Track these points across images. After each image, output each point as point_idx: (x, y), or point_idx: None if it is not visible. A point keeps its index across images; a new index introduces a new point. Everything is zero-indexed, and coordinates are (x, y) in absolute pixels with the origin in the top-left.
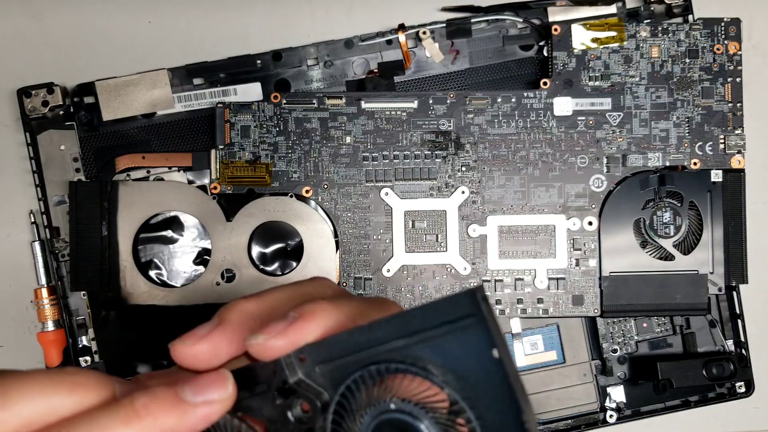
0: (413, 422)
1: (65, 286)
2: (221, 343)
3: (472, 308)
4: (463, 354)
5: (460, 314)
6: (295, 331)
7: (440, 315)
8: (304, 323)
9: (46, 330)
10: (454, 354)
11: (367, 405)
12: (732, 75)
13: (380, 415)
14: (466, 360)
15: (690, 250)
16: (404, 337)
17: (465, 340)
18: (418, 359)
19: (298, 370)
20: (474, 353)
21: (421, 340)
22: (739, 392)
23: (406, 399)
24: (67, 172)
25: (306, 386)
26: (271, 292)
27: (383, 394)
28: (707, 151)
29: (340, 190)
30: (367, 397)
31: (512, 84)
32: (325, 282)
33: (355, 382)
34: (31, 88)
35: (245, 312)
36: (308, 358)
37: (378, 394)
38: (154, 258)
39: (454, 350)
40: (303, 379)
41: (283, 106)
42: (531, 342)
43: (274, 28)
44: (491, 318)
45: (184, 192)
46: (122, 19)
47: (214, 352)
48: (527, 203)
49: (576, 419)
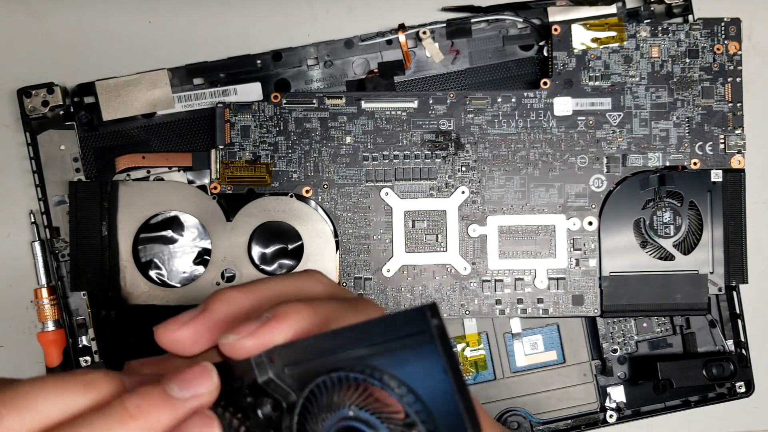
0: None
1: (65, 286)
2: (202, 330)
3: (424, 326)
4: (417, 368)
5: (414, 330)
6: (265, 332)
7: (397, 328)
8: (274, 325)
9: (46, 330)
10: (409, 367)
11: (329, 409)
12: (732, 75)
13: (339, 422)
14: (419, 374)
15: (690, 250)
16: (365, 346)
17: (419, 355)
18: (376, 370)
19: (268, 369)
20: (426, 369)
21: (380, 351)
22: (739, 392)
23: (364, 407)
24: (67, 172)
25: (275, 386)
26: (260, 284)
27: (343, 401)
28: (707, 151)
29: (340, 190)
30: (329, 402)
31: (512, 84)
32: (318, 276)
33: (318, 387)
34: (31, 88)
35: (229, 301)
36: (278, 359)
37: (338, 401)
38: (154, 258)
39: (410, 364)
40: (272, 378)
41: (283, 106)
42: (531, 342)
43: (274, 28)
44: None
45: (184, 192)
46: (122, 19)
47: (194, 338)
48: (527, 203)
49: (576, 419)
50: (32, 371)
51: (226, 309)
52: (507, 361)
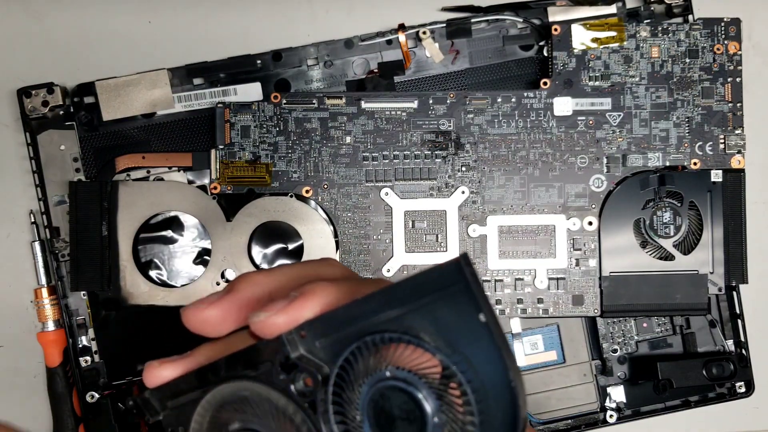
0: (407, 388)
1: (65, 286)
2: (230, 310)
3: (458, 275)
4: (452, 320)
5: (446, 282)
6: (295, 308)
7: (429, 284)
8: (303, 301)
9: (46, 330)
10: (444, 320)
11: (365, 375)
12: (732, 75)
13: (377, 384)
14: (455, 325)
15: (690, 250)
16: (396, 307)
17: (453, 306)
18: (410, 328)
19: (299, 345)
20: (461, 318)
21: (413, 309)
22: (739, 392)
23: (401, 367)
24: (67, 172)
25: (307, 361)
26: (281, 268)
27: (379, 364)
28: (707, 151)
29: (340, 190)
30: (365, 368)
31: (512, 84)
32: (334, 262)
33: (353, 354)
34: (31, 88)
35: (255, 283)
36: (308, 333)
37: (374, 364)
38: (154, 258)
39: (444, 317)
40: (304, 354)
41: (283, 106)
42: (531, 342)
43: (274, 28)
44: (476, 284)
45: (184, 192)
46: (122, 19)
47: (222, 318)
48: (527, 203)
49: (576, 419)
50: (32, 371)
51: (251, 289)
52: None
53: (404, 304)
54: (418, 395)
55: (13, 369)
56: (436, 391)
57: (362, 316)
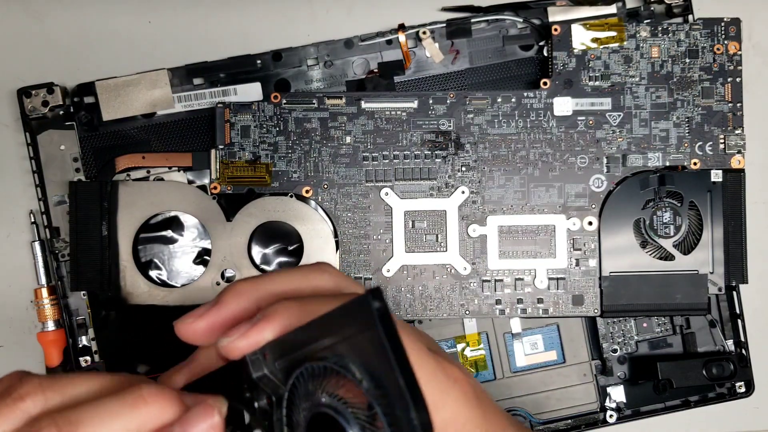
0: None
1: (65, 286)
2: (215, 321)
3: (368, 311)
4: (371, 353)
5: (363, 316)
6: (256, 332)
7: (352, 315)
8: (264, 324)
9: (46, 330)
10: (366, 353)
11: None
12: (732, 75)
13: (313, 409)
14: (373, 358)
15: (690, 250)
16: (330, 335)
17: (371, 340)
18: (341, 357)
19: (263, 366)
20: (377, 353)
21: (343, 338)
22: (739, 392)
23: (334, 394)
24: (67, 172)
25: (267, 381)
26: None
27: (316, 389)
28: (707, 151)
29: (340, 190)
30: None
31: (512, 84)
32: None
33: (297, 378)
34: (31, 88)
35: (239, 294)
36: (270, 355)
37: (312, 389)
38: (154, 258)
39: (365, 349)
40: (266, 374)
41: (283, 106)
42: (531, 342)
43: (274, 28)
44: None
45: (184, 192)
46: (122, 19)
47: (208, 329)
48: (527, 203)
49: (576, 419)
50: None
51: (236, 301)
52: (507, 361)
53: (335, 333)
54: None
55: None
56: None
57: (306, 341)
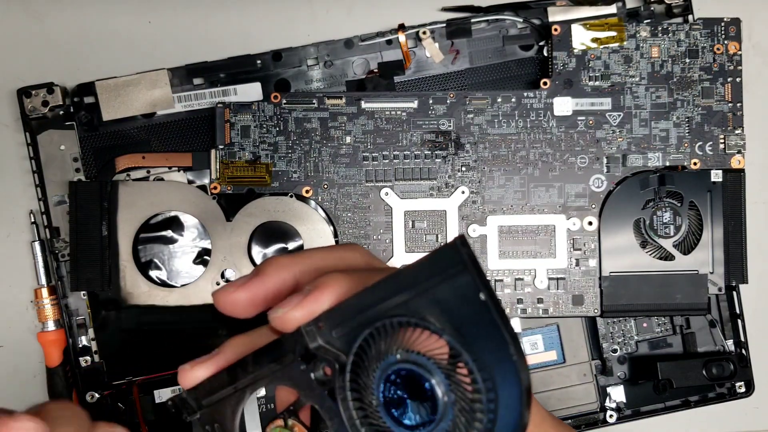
0: (417, 370)
1: (65, 286)
2: (257, 293)
3: (455, 257)
4: (454, 301)
5: (446, 264)
6: (310, 301)
7: (430, 268)
8: (318, 294)
9: (46, 330)
10: (447, 302)
11: (377, 360)
12: (732, 75)
13: (388, 368)
14: (457, 306)
15: (690, 250)
16: (402, 292)
17: (454, 287)
18: (416, 311)
19: (317, 337)
20: (463, 298)
21: (418, 293)
22: (739, 392)
23: (410, 349)
24: (67, 172)
25: (325, 351)
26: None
27: (390, 348)
28: (707, 151)
29: (340, 190)
30: (377, 353)
31: (512, 84)
32: (356, 248)
33: (365, 341)
34: (31, 88)
35: (280, 266)
36: (325, 324)
37: (385, 349)
38: (154, 258)
39: (447, 298)
40: (322, 344)
41: (283, 106)
42: (531, 342)
43: (274, 28)
44: (474, 264)
45: (184, 192)
46: (122, 19)
47: (249, 300)
48: (527, 203)
49: (576, 419)
50: (32, 371)
51: (277, 273)
52: None
53: (409, 288)
54: (427, 376)
55: (13, 369)
56: (444, 371)
57: (372, 303)
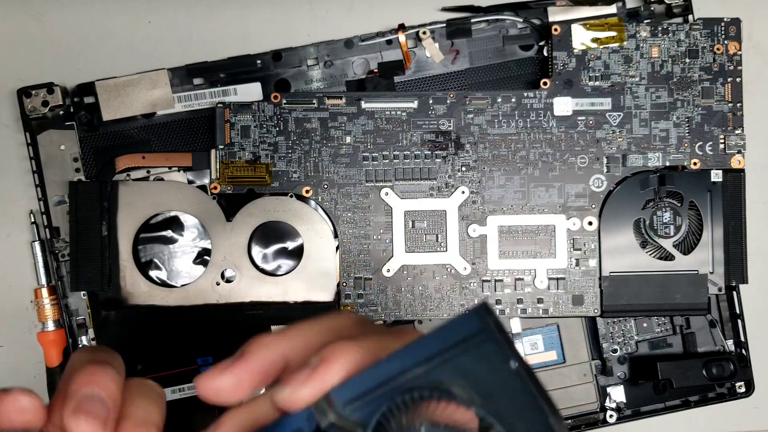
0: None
1: (65, 286)
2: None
3: (481, 325)
4: (482, 370)
5: (470, 332)
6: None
7: (453, 335)
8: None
9: (46, 330)
10: (474, 372)
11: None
12: (732, 75)
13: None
14: (486, 376)
15: (690, 250)
16: (423, 363)
17: (481, 356)
18: (440, 383)
19: (328, 413)
20: (492, 368)
21: (440, 363)
22: (739, 392)
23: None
24: (67, 172)
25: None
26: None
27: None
28: (707, 151)
29: (340, 190)
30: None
31: (512, 84)
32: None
33: (384, 416)
34: (31, 88)
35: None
36: (336, 400)
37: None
38: (154, 258)
39: (473, 368)
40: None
41: (283, 106)
42: (531, 342)
43: (274, 28)
44: (501, 332)
45: (184, 192)
46: (122, 19)
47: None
48: (527, 203)
49: (576, 419)
50: (32, 371)
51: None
52: None
53: (431, 359)
54: None
55: (13, 369)
56: None
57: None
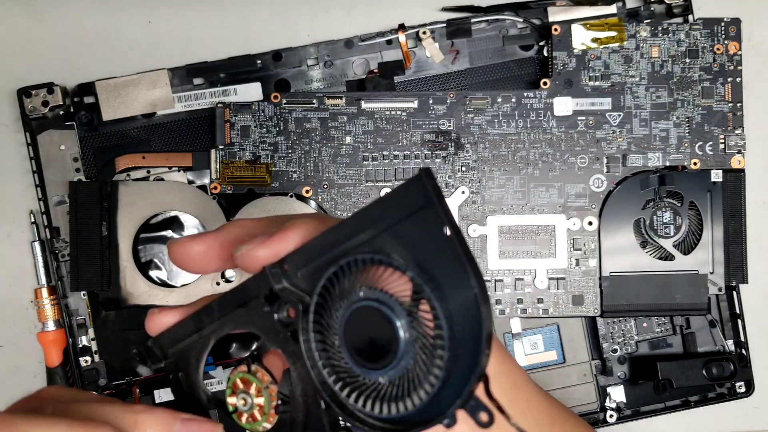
0: (379, 307)
1: (65, 286)
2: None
3: (422, 192)
4: (419, 237)
5: (411, 199)
6: (276, 240)
7: (397, 203)
8: (283, 234)
9: (46, 330)
10: (412, 238)
11: (341, 299)
12: (732, 75)
13: (351, 305)
14: (422, 242)
15: (690, 250)
16: (367, 229)
17: (419, 223)
18: (381, 248)
19: (282, 278)
20: (428, 234)
21: (383, 230)
22: (739, 392)
23: (374, 287)
24: (67, 172)
25: (290, 292)
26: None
27: (353, 286)
28: (707, 151)
29: (340, 190)
30: (340, 292)
31: (512, 84)
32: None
33: (329, 279)
34: (31, 88)
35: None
36: (290, 266)
37: (349, 287)
38: (154, 258)
39: (412, 234)
40: (287, 286)
41: (283, 106)
42: (531, 342)
43: (274, 28)
44: (439, 197)
45: (184, 192)
46: (122, 19)
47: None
48: (527, 203)
49: None
50: (32, 371)
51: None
52: None
53: (374, 225)
54: (388, 313)
55: (13, 369)
56: (406, 308)
57: (337, 242)
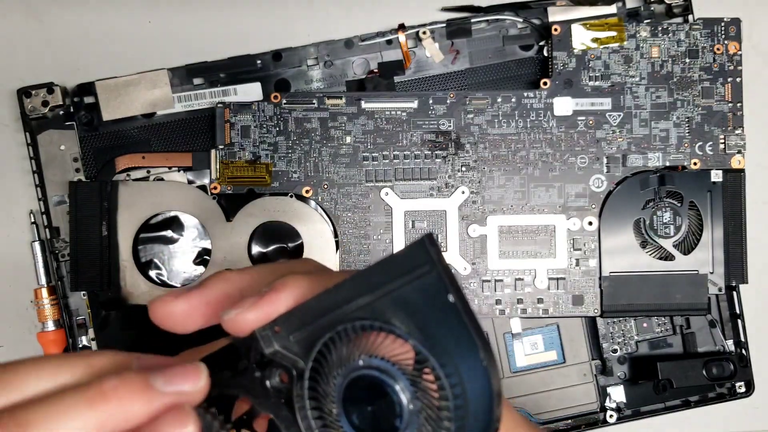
0: (381, 376)
1: (65, 286)
2: (198, 304)
3: (424, 256)
4: (421, 303)
5: (413, 264)
6: (266, 303)
7: (397, 267)
8: (274, 295)
9: (46, 330)
10: (414, 304)
11: (339, 366)
12: (732, 75)
13: (350, 374)
14: (424, 308)
15: (690, 250)
16: (366, 294)
17: (421, 288)
18: (381, 314)
19: (273, 341)
20: (431, 300)
21: (382, 294)
22: (739, 392)
23: (374, 354)
24: (67, 172)
25: (282, 356)
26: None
27: (352, 353)
28: (707, 151)
29: (340, 190)
30: (338, 359)
31: (512, 84)
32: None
33: (326, 345)
34: (31, 88)
35: (226, 280)
36: (282, 328)
37: (347, 354)
38: (154, 258)
39: (413, 300)
40: (279, 350)
41: (283, 106)
42: (531, 342)
43: (274, 28)
44: (441, 263)
45: (184, 192)
46: (122, 19)
47: (188, 313)
48: (527, 203)
49: (576, 419)
50: None
51: (222, 285)
52: (507, 361)
53: (374, 290)
54: (391, 383)
55: None
56: (409, 378)
57: (333, 306)
